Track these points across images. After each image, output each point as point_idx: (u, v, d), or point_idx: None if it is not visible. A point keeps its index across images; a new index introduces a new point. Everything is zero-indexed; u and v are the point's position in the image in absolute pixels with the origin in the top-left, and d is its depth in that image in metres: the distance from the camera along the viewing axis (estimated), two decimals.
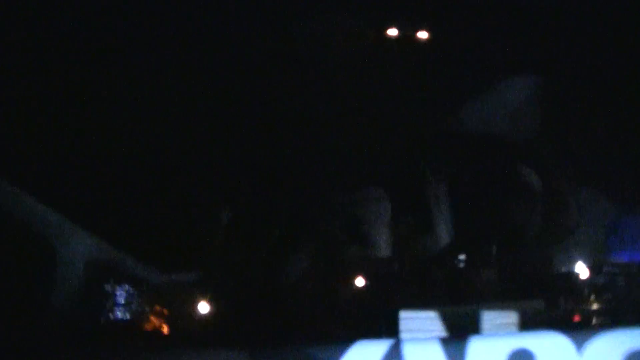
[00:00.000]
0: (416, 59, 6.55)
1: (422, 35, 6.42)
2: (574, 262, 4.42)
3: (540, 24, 6.70)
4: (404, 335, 4.22)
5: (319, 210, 6.14)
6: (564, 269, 4.37)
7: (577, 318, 4.23)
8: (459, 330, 4.15)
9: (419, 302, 4.47)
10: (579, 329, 4.15)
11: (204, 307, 4.73)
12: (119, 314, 4.86)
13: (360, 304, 4.74)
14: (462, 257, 5.34)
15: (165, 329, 4.79)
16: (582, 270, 4.24)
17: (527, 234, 5.56)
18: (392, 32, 6.34)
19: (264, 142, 6.14)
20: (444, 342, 3.81)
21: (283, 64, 6.22)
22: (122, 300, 4.87)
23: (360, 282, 4.82)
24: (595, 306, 4.22)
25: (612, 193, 5.89)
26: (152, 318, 4.81)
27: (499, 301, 4.44)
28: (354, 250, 5.58)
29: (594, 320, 4.22)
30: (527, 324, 4.21)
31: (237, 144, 6.12)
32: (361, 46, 6.41)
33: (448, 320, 4.30)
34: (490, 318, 4.22)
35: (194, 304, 4.74)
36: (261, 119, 6.16)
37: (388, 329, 4.29)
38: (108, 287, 4.95)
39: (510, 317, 4.24)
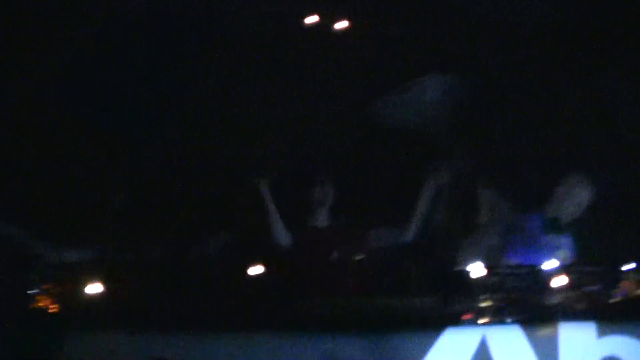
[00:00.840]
0: (334, 48, 6.51)
1: (342, 24, 6.37)
2: (471, 261, 4.44)
3: (458, 23, 6.76)
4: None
5: (228, 193, 6.05)
6: (461, 267, 4.39)
7: (468, 316, 4.26)
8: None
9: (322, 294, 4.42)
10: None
11: (97, 288, 4.52)
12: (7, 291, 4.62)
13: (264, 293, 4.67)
14: (362, 251, 5.34)
15: (55, 309, 4.58)
16: (478, 269, 4.27)
17: (433, 230, 5.61)
18: (312, 19, 6.27)
19: (170, 121, 6.03)
20: None
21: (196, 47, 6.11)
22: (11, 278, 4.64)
23: (265, 270, 4.72)
24: (487, 305, 4.26)
25: (509, 195, 6.00)
26: (43, 297, 4.60)
27: (397, 296, 4.46)
28: (262, 237, 5.53)
29: (484, 319, 4.26)
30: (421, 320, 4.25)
31: (143, 122, 5.99)
32: (279, 32, 6.33)
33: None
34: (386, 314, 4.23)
35: (87, 284, 4.53)
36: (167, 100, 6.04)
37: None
38: None
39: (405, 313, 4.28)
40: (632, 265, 4.67)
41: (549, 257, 4.93)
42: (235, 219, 5.90)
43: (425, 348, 4.17)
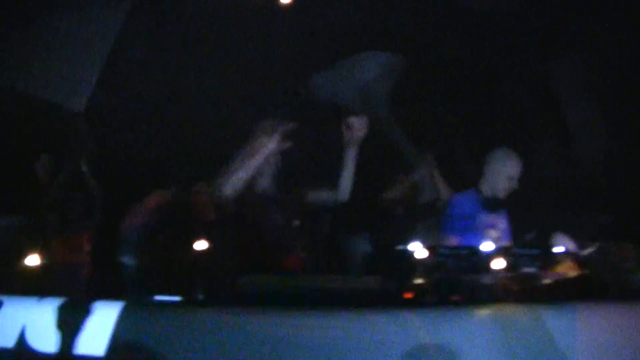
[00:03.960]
0: (276, 23, 6.31)
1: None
2: (413, 241, 4.31)
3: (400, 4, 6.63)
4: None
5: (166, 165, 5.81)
6: (402, 248, 4.25)
7: (408, 295, 4.12)
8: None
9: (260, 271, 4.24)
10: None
11: (32, 258, 4.28)
12: None
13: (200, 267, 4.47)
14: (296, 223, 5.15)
15: None
16: (419, 250, 4.13)
17: (372, 209, 5.48)
18: None
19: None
20: None
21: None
22: None
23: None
24: (426, 285, 4.13)
25: (449, 176, 5.92)
26: None
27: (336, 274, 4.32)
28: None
29: (425, 298, 4.13)
30: (360, 298, 4.10)
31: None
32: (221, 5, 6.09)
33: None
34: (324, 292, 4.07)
35: (21, 252, 4.28)
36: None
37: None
38: None
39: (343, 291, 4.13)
40: (564, 248, 4.65)
41: (485, 237, 4.88)
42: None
43: (365, 327, 4.00)
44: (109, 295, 3.93)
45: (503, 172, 5.12)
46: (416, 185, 5.97)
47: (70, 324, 3.58)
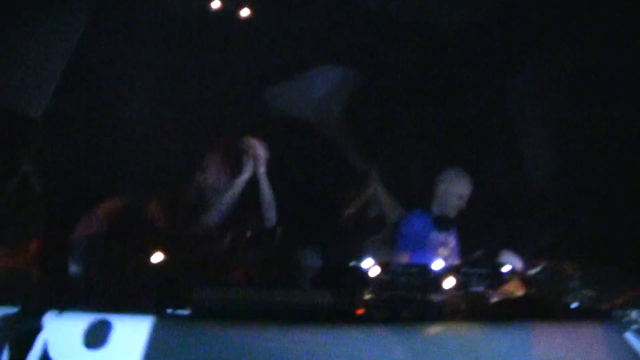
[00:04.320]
0: (235, 35, 6.31)
1: (244, 12, 6.17)
2: (366, 257, 4.35)
3: (356, 20, 6.68)
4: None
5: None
6: (356, 264, 4.28)
7: (359, 311, 4.16)
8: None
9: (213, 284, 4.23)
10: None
11: None
12: None
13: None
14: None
15: None
16: (372, 266, 4.18)
17: (324, 225, 5.50)
18: (215, 4, 6.03)
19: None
20: None
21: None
22: None
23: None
24: (378, 301, 4.18)
25: (402, 194, 5.98)
26: None
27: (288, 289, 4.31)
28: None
29: (375, 315, 4.17)
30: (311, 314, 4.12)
31: None
32: (181, 14, 6.07)
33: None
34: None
35: None
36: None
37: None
38: None
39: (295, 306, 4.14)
40: (512, 267, 4.74)
41: (435, 255, 4.95)
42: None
43: (316, 341, 4.02)
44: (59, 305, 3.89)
45: (453, 191, 5.22)
46: (366, 201, 6.01)
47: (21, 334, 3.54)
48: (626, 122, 6.08)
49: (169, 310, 4.10)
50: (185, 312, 4.07)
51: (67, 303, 4.02)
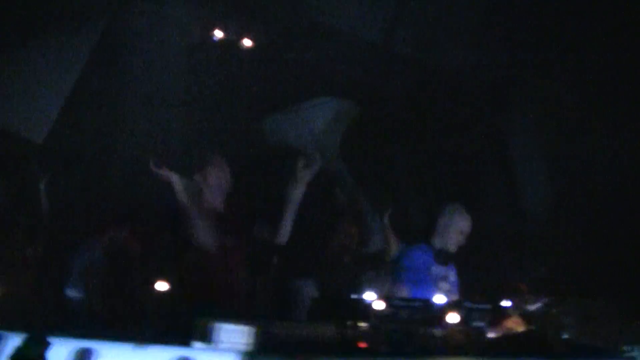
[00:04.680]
0: (236, 64, 6.34)
1: (247, 42, 6.21)
2: (366, 290, 4.34)
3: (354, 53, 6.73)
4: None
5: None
6: (357, 297, 4.27)
7: (362, 344, 4.14)
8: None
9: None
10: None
11: None
12: None
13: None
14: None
15: None
16: (373, 299, 4.16)
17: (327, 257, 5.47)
18: (218, 34, 6.07)
19: None
20: None
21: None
22: None
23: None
24: (381, 335, 4.15)
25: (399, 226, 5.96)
26: None
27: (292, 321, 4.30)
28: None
29: (378, 348, 4.15)
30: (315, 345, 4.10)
31: None
32: (184, 43, 6.09)
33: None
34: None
35: None
36: None
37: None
38: None
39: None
40: (512, 303, 4.73)
41: (436, 289, 4.94)
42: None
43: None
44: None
45: (454, 226, 5.21)
46: (364, 234, 6.00)
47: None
48: (620, 157, 6.14)
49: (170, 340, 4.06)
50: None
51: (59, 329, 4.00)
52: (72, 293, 5.09)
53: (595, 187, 6.32)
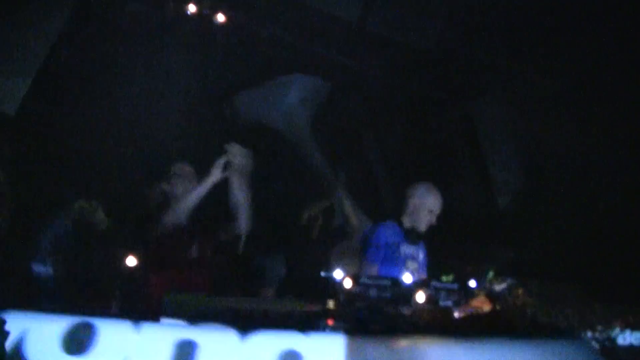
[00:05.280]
0: (210, 39, 6.28)
1: (220, 17, 6.15)
2: (335, 268, 4.34)
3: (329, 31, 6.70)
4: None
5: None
6: (326, 274, 4.26)
7: (329, 321, 4.14)
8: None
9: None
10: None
11: None
12: None
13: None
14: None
15: None
16: (341, 277, 4.17)
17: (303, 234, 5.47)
18: (192, 8, 6.00)
19: None
20: None
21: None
22: None
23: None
24: (348, 312, 4.17)
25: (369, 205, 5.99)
26: None
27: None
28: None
29: (345, 325, 4.16)
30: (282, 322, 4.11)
31: None
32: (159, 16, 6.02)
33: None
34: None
35: None
36: None
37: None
38: None
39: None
40: (478, 283, 4.77)
41: (404, 268, 4.96)
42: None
43: (282, 350, 3.99)
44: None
45: (424, 205, 5.20)
46: (330, 210, 6.00)
47: None
48: (591, 144, 6.19)
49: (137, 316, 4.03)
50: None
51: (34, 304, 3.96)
52: (39, 268, 5.04)
53: (563, 174, 6.38)
